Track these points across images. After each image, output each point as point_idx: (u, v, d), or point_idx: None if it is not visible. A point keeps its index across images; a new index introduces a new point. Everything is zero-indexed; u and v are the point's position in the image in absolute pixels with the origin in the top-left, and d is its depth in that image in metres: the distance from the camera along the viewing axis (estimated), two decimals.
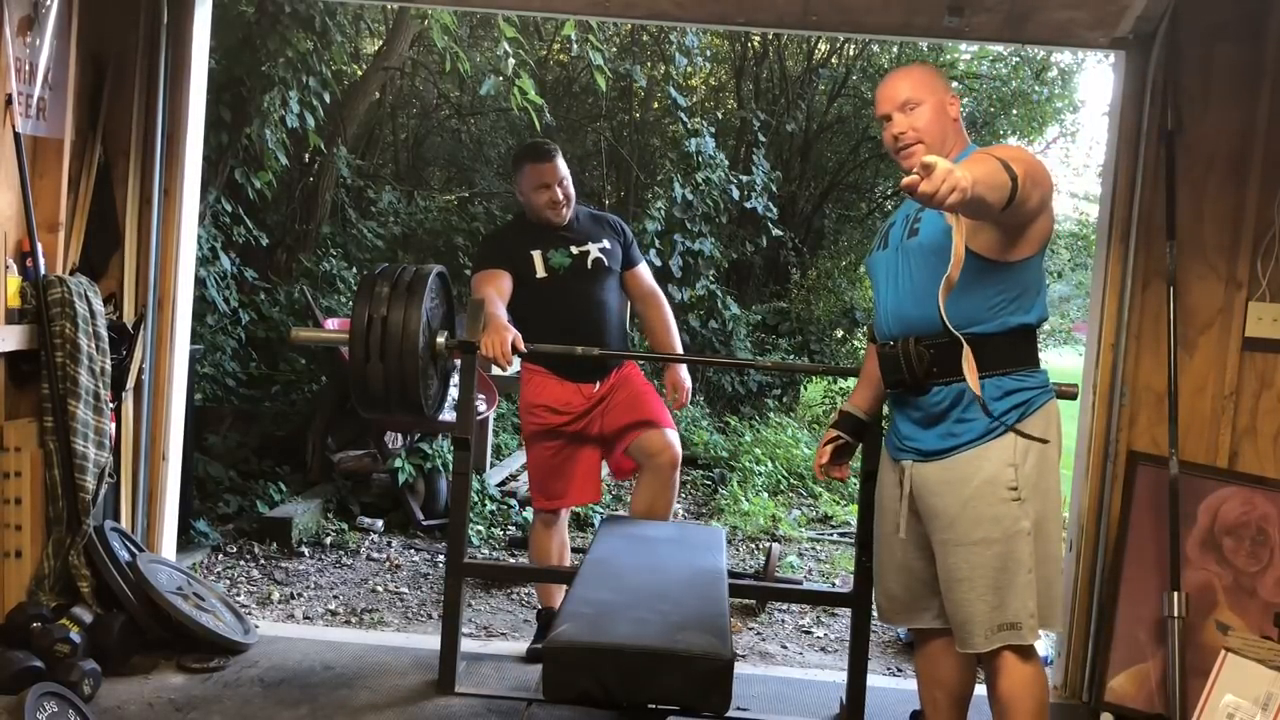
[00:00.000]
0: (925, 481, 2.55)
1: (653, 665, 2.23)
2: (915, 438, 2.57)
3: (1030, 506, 2.45)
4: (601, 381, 3.67)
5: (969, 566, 2.46)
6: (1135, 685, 3.44)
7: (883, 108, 2.61)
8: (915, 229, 2.55)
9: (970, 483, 2.46)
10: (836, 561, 5.76)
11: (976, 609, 2.47)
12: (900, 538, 2.62)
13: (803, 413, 10.29)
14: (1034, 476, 2.46)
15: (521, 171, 3.70)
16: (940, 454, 2.51)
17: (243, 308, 6.87)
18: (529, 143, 4.09)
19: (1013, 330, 2.48)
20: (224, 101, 6.11)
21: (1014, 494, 2.44)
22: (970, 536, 2.46)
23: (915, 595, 2.67)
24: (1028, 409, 2.47)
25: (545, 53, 11.18)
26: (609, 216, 3.89)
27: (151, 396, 3.89)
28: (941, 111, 2.57)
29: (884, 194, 13.02)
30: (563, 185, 3.63)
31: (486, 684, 3.43)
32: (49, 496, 3.40)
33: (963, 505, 2.47)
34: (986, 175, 2.17)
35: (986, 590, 2.45)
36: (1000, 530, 2.44)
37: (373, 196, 9.29)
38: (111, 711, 3.01)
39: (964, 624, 2.50)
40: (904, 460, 2.61)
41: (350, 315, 3.25)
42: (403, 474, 5.73)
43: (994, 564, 2.44)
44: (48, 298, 3.37)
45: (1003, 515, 2.44)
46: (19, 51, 3.28)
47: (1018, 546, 2.44)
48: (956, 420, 2.49)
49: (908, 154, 2.57)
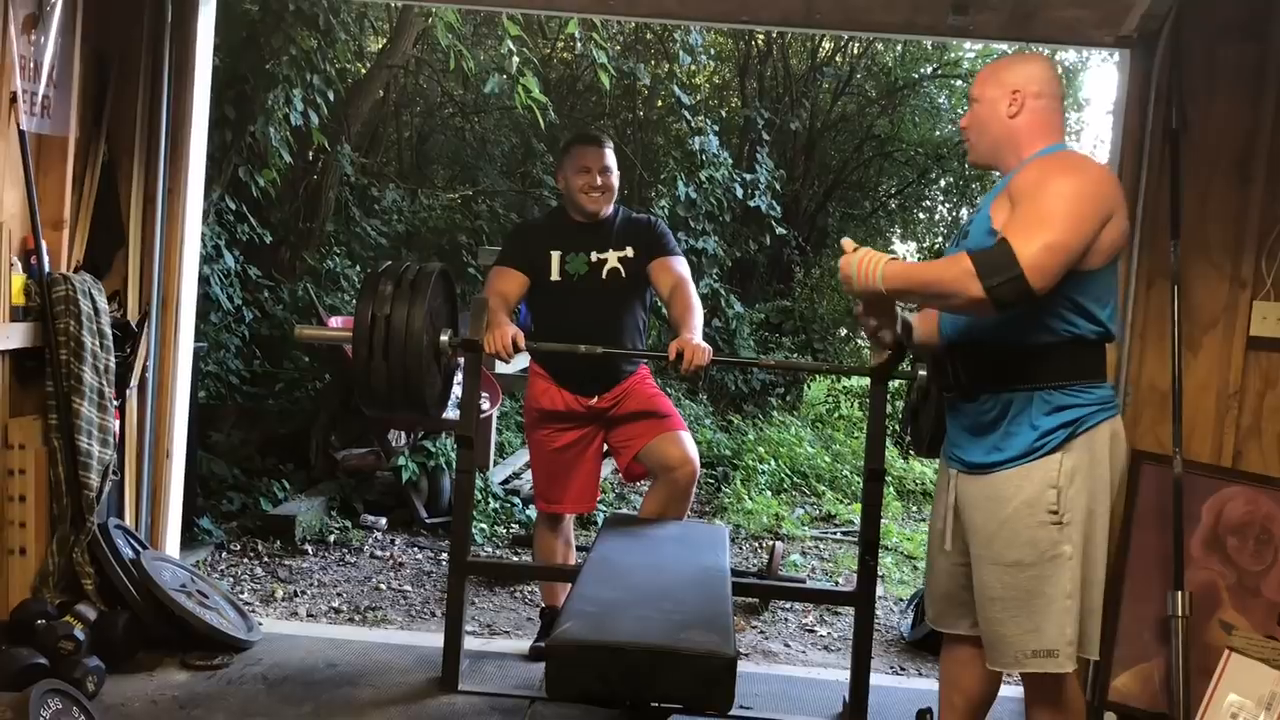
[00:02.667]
0: (967, 495, 2.51)
1: (656, 663, 2.23)
2: (962, 447, 2.53)
3: (1073, 531, 2.38)
4: (602, 395, 3.59)
5: (1002, 586, 2.43)
6: (1139, 684, 3.43)
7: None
8: (967, 231, 2.53)
9: (1009, 503, 2.40)
10: (840, 560, 5.76)
11: (1008, 630, 2.43)
12: (947, 549, 2.60)
13: (806, 411, 10.28)
14: (1081, 499, 2.38)
15: (569, 154, 3.63)
16: (984, 469, 2.46)
17: (246, 305, 6.87)
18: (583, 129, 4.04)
19: (1070, 342, 2.40)
20: (228, 99, 6.11)
21: (1054, 517, 2.37)
22: (1005, 557, 2.42)
23: (956, 601, 2.64)
24: (1078, 428, 2.39)
25: (549, 51, 11.17)
26: (647, 219, 3.71)
27: (155, 394, 3.89)
28: (993, 111, 2.51)
29: (887, 193, 13.02)
30: (604, 174, 3.55)
31: (490, 682, 3.44)
32: (53, 494, 3.41)
33: (1000, 524, 2.42)
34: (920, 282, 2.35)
35: (1018, 613, 2.41)
36: (1036, 553, 2.38)
37: (376, 195, 9.29)
38: (115, 709, 3.02)
39: (994, 643, 2.48)
40: (952, 468, 2.58)
41: (354, 313, 3.26)
42: (406, 472, 5.73)
43: (1028, 586, 2.39)
44: (52, 295, 3.38)
45: (1040, 539, 2.38)
46: (23, 49, 3.29)
47: (1056, 571, 2.38)
48: (1004, 434, 2.43)
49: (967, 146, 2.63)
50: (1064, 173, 2.35)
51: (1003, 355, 2.43)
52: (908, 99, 12.53)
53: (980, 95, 2.53)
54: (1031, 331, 2.39)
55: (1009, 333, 2.40)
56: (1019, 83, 2.49)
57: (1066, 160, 2.42)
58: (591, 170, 3.55)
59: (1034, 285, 2.21)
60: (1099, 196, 2.33)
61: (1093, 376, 2.43)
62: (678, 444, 3.54)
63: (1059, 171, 2.35)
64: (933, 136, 12.71)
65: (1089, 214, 2.30)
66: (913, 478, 7.69)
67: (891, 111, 12.44)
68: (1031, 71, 2.51)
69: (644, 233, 3.63)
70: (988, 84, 2.53)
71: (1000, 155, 2.54)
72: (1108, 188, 2.38)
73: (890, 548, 5.99)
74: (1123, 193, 2.46)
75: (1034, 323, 2.38)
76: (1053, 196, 2.29)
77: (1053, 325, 2.38)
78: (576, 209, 3.60)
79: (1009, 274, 2.21)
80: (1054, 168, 2.37)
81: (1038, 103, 2.49)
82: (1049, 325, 2.38)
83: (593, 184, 3.55)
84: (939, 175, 12.74)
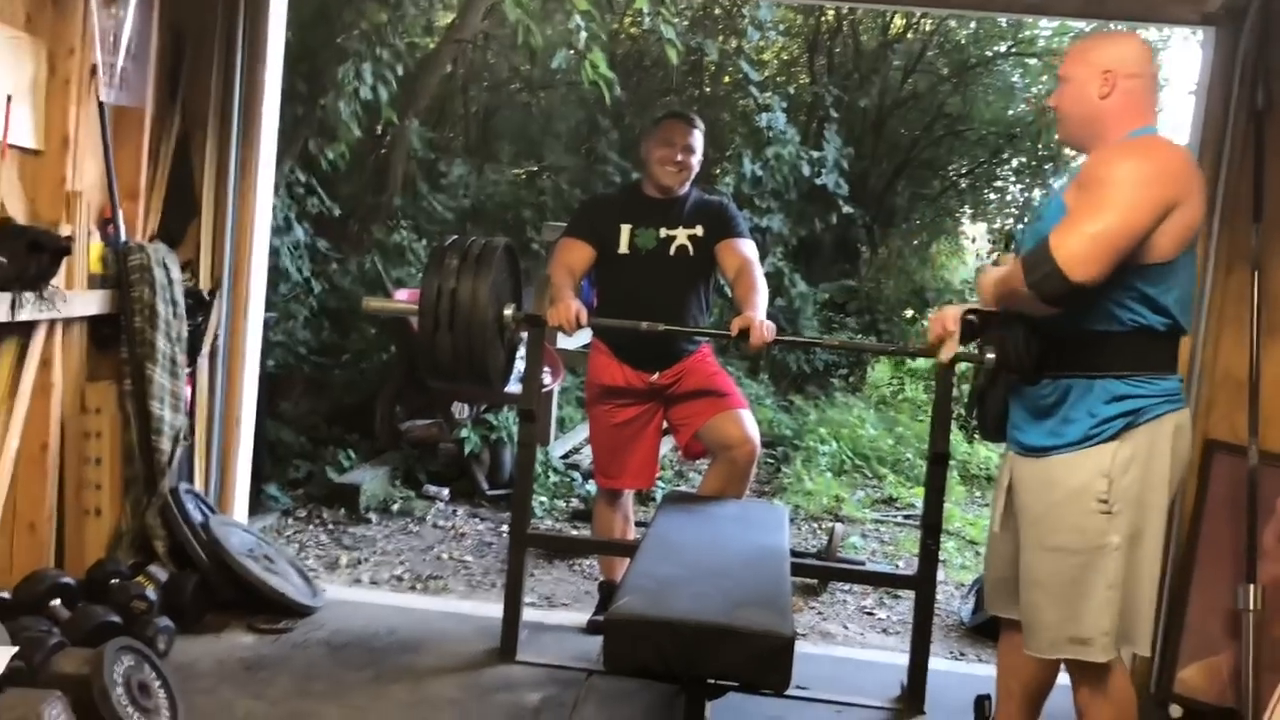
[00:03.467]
0: (1020, 476, 2.51)
1: (713, 640, 2.24)
2: (1021, 428, 2.52)
3: (1123, 520, 2.35)
4: (663, 372, 3.60)
5: (1043, 571, 2.42)
6: (1206, 678, 3.37)
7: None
8: (1042, 215, 2.50)
9: (1059, 488, 2.39)
10: (900, 544, 5.71)
11: (1045, 614, 2.43)
12: (996, 530, 2.61)
13: (869, 393, 10.19)
14: (1133, 490, 2.35)
15: (658, 126, 3.68)
16: (1039, 452, 2.45)
17: (315, 277, 6.97)
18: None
19: (1136, 333, 2.36)
20: (299, 73, 6.18)
21: (1103, 506, 2.35)
22: (1049, 542, 2.41)
23: (1009, 586, 2.61)
24: (1137, 419, 2.35)
25: (616, 26, 11.12)
26: (719, 201, 3.73)
27: (226, 362, 3.97)
28: (1082, 92, 2.43)
29: (958, 172, 12.80)
30: (685, 153, 3.57)
31: (547, 653, 3.47)
32: (127, 458, 3.50)
33: (1048, 508, 2.42)
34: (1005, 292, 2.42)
35: (1058, 598, 2.40)
36: (1082, 541, 2.37)
37: (443, 169, 9.35)
38: (184, 668, 3.10)
39: (1030, 625, 2.48)
40: (1011, 449, 2.58)
41: (420, 286, 3.29)
42: (469, 444, 5.79)
43: (1070, 573, 2.38)
44: (128, 264, 3.45)
45: (1087, 526, 2.36)
46: (104, 22, 3.35)
47: (1100, 560, 2.36)
48: (1061, 419, 2.41)
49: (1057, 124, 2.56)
50: (1127, 158, 2.30)
51: (1065, 341, 2.41)
52: (980, 77, 12.28)
53: (1070, 74, 2.46)
54: (1096, 320, 2.37)
55: (1073, 320, 2.38)
56: (1111, 63, 2.41)
57: (1136, 145, 2.36)
58: (674, 145, 3.57)
59: (1072, 277, 2.21)
60: (1161, 184, 2.27)
61: (1158, 368, 2.40)
62: (737, 422, 3.53)
63: (1122, 156, 2.31)
64: (1005, 116, 12.45)
65: (1144, 201, 2.25)
66: (977, 462, 7.59)
67: (964, 89, 12.20)
68: (1125, 51, 2.44)
69: (714, 213, 3.64)
70: (1077, 63, 2.46)
71: (1087, 137, 2.47)
72: (1175, 174, 2.30)
73: (952, 532, 5.93)
74: (1199, 180, 2.38)
75: (1099, 311, 2.35)
76: (1107, 184, 2.26)
77: (1118, 315, 2.36)
78: (652, 181, 3.62)
79: (1045, 269, 2.23)
80: (1120, 153, 2.33)
81: (1130, 83, 2.41)
82: (1114, 315, 2.36)
83: (672, 158, 3.57)
84: (1011, 155, 12.49)
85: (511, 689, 3.19)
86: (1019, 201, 12.64)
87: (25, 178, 3.19)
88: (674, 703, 3.01)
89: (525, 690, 3.18)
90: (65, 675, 2.51)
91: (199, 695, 2.93)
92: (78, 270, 3.33)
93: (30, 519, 3.25)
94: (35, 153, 3.21)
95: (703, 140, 3.66)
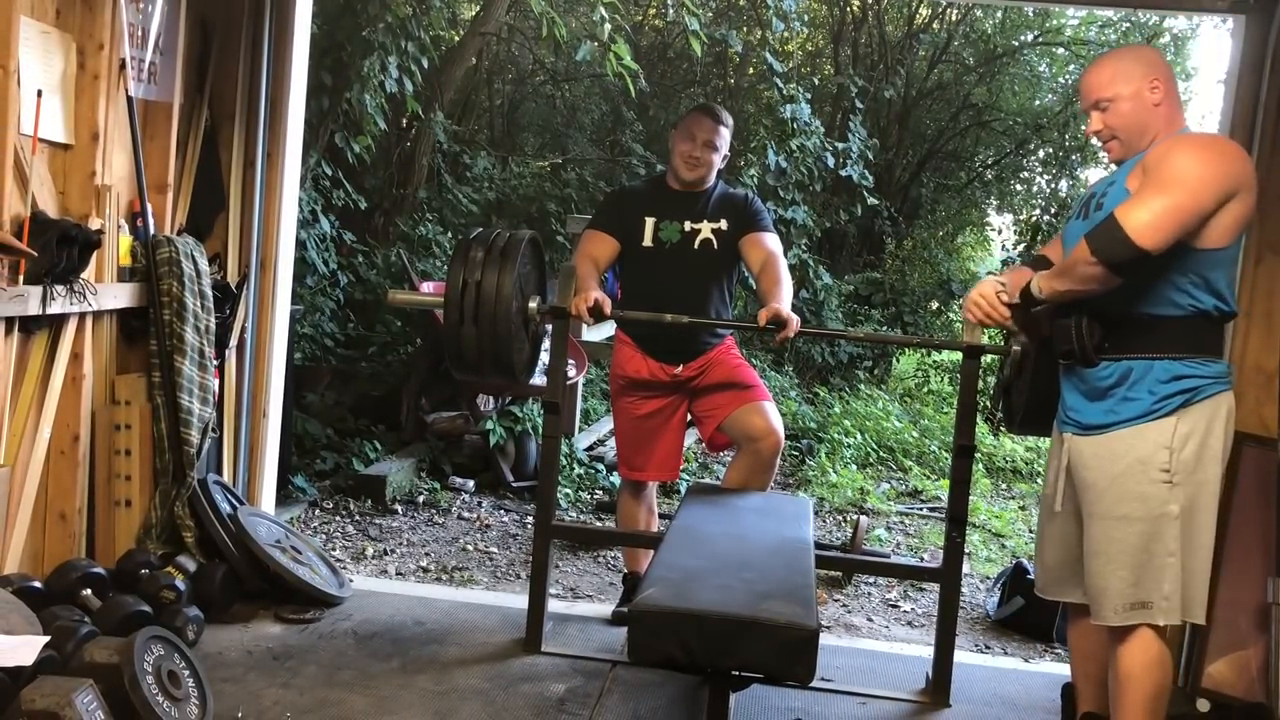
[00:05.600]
0: (1080, 455, 2.58)
1: (738, 632, 2.24)
2: (1079, 409, 2.60)
3: (1181, 491, 2.46)
4: (687, 365, 3.60)
5: (1109, 540, 2.51)
6: (1234, 672, 3.34)
7: (1082, 103, 2.62)
8: (1101, 203, 2.54)
9: (1122, 459, 2.49)
10: (925, 536, 5.70)
11: (1111, 583, 2.51)
12: (1057, 510, 2.68)
13: (894, 385, 10.15)
14: (1191, 463, 2.46)
15: (685, 118, 3.69)
16: (1099, 429, 2.54)
17: (341, 270, 7.01)
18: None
19: (1193, 316, 2.46)
20: (325, 66, 6.21)
21: (1165, 476, 2.45)
22: (1115, 511, 2.50)
23: (1069, 569, 2.70)
24: (1194, 396, 2.46)
25: (641, 18, 11.12)
26: (744, 195, 3.73)
27: (253, 355, 4.00)
28: (1137, 104, 2.52)
29: (984, 163, 12.72)
30: (705, 149, 3.56)
31: (572, 644, 3.48)
32: (156, 449, 3.53)
33: (1111, 480, 2.50)
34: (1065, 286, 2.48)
35: (1124, 566, 2.49)
36: (1145, 509, 2.47)
37: (468, 162, 9.38)
38: (213, 657, 3.13)
39: (1098, 596, 2.55)
40: (1065, 431, 2.65)
41: (445, 279, 3.30)
42: (494, 436, 5.81)
43: (1135, 541, 2.48)
44: (156, 257, 3.48)
45: (1150, 495, 2.46)
46: (132, 17, 3.38)
47: (1162, 528, 2.46)
48: (1121, 399, 2.51)
49: (1108, 149, 2.61)
50: (1193, 144, 2.43)
51: (1124, 325, 2.50)
52: (1007, 67, 12.20)
53: (1117, 94, 2.53)
54: (1156, 303, 2.46)
55: (1134, 303, 2.47)
56: (1153, 70, 2.53)
57: (1199, 136, 2.51)
58: (695, 140, 3.57)
59: (1140, 243, 2.31)
60: (1224, 169, 2.38)
61: (1212, 352, 2.51)
62: (762, 415, 3.53)
63: (1189, 143, 2.43)
64: (1032, 106, 12.36)
65: (1209, 180, 2.36)
66: (1003, 455, 7.56)
67: (990, 80, 12.13)
68: (1155, 58, 2.59)
69: (739, 207, 3.63)
70: (1119, 80, 2.53)
71: (1140, 146, 2.54)
72: (1236, 164, 2.42)
73: (978, 525, 5.91)
74: (1252, 173, 2.46)
75: (1159, 295, 2.45)
76: (1175, 164, 2.37)
77: (1177, 299, 2.45)
78: (674, 173, 3.63)
79: (1115, 239, 2.33)
80: (1186, 141, 2.44)
81: (1170, 86, 2.54)
82: (1173, 299, 2.45)
83: (691, 154, 3.57)
84: (1038, 146, 12.41)
85: (536, 680, 3.20)
86: (1045, 192, 12.55)
87: (55, 172, 3.23)
88: (698, 694, 3.02)
89: (550, 681, 3.20)
90: (96, 664, 2.54)
91: (227, 684, 2.96)
92: (107, 263, 3.37)
93: (61, 509, 3.29)
94: (65, 147, 3.24)
95: (729, 136, 3.64)
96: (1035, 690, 3.41)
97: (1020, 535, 5.86)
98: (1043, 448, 7.64)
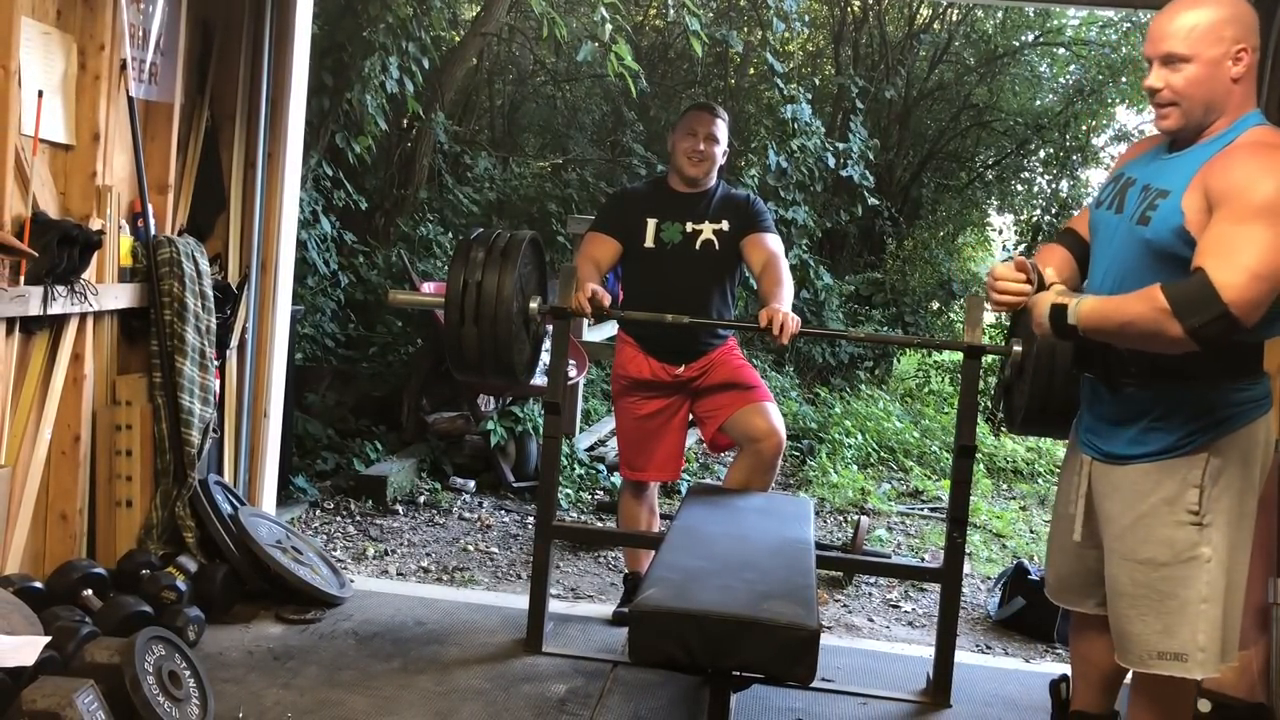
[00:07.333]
0: (1102, 484, 2.36)
1: (738, 633, 2.24)
2: (1100, 434, 2.37)
3: (1215, 533, 2.22)
4: (689, 365, 3.60)
5: (1132, 584, 2.29)
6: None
7: (1148, 48, 2.18)
8: (1148, 216, 2.20)
9: (1147, 498, 2.26)
10: (926, 537, 5.69)
11: (1135, 628, 2.30)
12: (1076, 540, 2.47)
13: (895, 386, 10.15)
14: (1225, 500, 2.22)
15: (682, 118, 3.70)
16: (1121, 459, 2.31)
17: (342, 270, 7.01)
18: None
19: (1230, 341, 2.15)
20: (326, 67, 6.21)
21: (1194, 517, 2.22)
22: (1137, 554, 2.28)
23: (1083, 582, 2.51)
24: (1228, 426, 2.21)
25: (641, 18, 11.12)
26: (746, 196, 3.72)
27: (254, 355, 4.00)
28: (1215, 73, 2.12)
29: (984, 164, 12.72)
30: (708, 142, 3.57)
31: (573, 645, 3.48)
32: (157, 449, 3.53)
33: (1135, 520, 2.28)
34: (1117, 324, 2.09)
35: (1148, 611, 2.28)
36: (1171, 554, 2.24)
37: (469, 162, 9.39)
38: (214, 657, 3.13)
39: (1121, 638, 2.36)
40: (1085, 454, 2.42)
41: (446, 279, 3.30)
42: (494, 436, 5.81)
43: (1160, 586, 2.26)
44: (157, 257, 3.48)
45: (1177, 539, 2.23)
46: (133, 18, 3.38)
47: (1191, 573, 2.23)
48: (1146, 428, 2.26)
49: (1161, 115, 2.20)
50: (1273, 172, 2.03)
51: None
52: (1007, 67, 12.20)
53: (1196, 54, 2.12)
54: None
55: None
56: (1245, 36, 2.13)
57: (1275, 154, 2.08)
58: (697, 135, 3.58)
59: (1247, 323, 2.01)
60: None
61: (1249, 375, 2.24)
62: (763, 415, 3.53)
63: (1267, 171, 2.04)
64: (1033, 106, 12.36)
65: None
66: (1004, 455, 7.55)
67: (990, 80, 12.13)
68: (1252, 19, 2.15)
69: (740, 208, 3.63)
70: (1204, 38, 2.11)
71: (1201, 125, 2.20)
72: None
73: (979, 525, 5.90)
74: None
75: None
76: (1259, 210, 2.01)
77: None
78: (677, 173, 3.63)
79: (1212, 312, 1.99)
80: (1262, 167, 2.04)
81: (1254, 59, 2.15)
82: None
83: (695, 148, 3.57)
84: (1039, 146, 12.40)
85: (537, 680, 3.20)
86: (1046, 193, 12.54)
87: (56, 172, 3.23)
88: (699, 695, 3.02)
89: (551, 681, 3.19)
90: (97, 664, 2.54)
91: (228, 684, 2.96)
92: (108, 264, 3.37)
93: (62, 510, 3.29)
94: (66, 147, 3.25)
95: (727, 131, 3.65)
96: (1036, 690, 3.40)
97: (1021, 535, 5.85)
98: (1044, 448, 7.64)
